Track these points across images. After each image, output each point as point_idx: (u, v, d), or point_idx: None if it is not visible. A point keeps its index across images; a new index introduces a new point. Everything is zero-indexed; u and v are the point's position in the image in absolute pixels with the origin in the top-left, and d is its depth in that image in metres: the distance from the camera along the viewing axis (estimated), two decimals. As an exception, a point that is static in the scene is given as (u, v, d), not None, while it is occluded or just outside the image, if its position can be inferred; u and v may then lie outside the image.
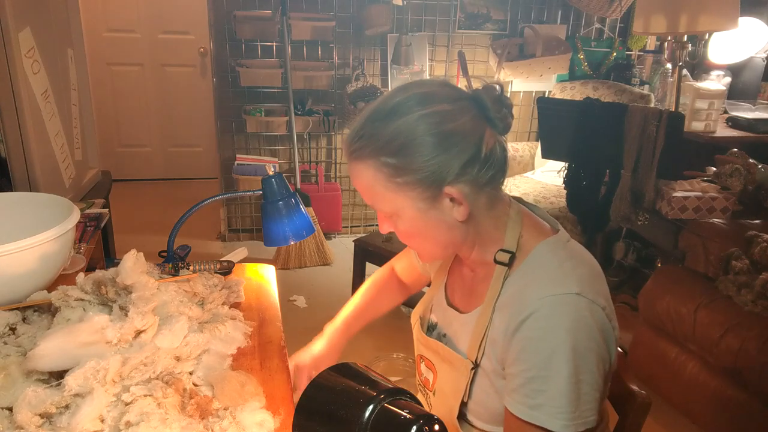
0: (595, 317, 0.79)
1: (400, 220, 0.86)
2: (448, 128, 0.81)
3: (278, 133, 3.53)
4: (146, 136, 4.77)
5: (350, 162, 0.86)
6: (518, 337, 0.79)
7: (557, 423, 0.76)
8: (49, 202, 1.23)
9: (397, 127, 0.81)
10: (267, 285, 1.33)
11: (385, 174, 0.82)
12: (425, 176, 0.81)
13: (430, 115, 0.81)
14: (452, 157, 0.81)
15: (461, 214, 0.84)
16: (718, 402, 1.94)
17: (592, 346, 0.78)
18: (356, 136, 0.84)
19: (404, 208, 0.84)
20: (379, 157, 0.82)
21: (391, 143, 0.81)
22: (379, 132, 0.82)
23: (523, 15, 3.70)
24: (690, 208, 2.42)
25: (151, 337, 0.92)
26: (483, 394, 0.89)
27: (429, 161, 0.80)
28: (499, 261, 0.87)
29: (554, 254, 0.85)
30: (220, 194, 1.73)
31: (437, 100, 0.82)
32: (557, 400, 0.76)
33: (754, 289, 1.98)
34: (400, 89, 0.85)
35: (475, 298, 0.93)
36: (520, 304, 0.81)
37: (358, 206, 3.89)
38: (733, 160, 2.53)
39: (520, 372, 0.79)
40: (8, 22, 1.69)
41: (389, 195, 0.84)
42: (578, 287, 0.79)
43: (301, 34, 3.38)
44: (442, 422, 0.67)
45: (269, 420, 0.84)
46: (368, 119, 0.84)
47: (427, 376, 1.00)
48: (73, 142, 2.20)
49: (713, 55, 3.42)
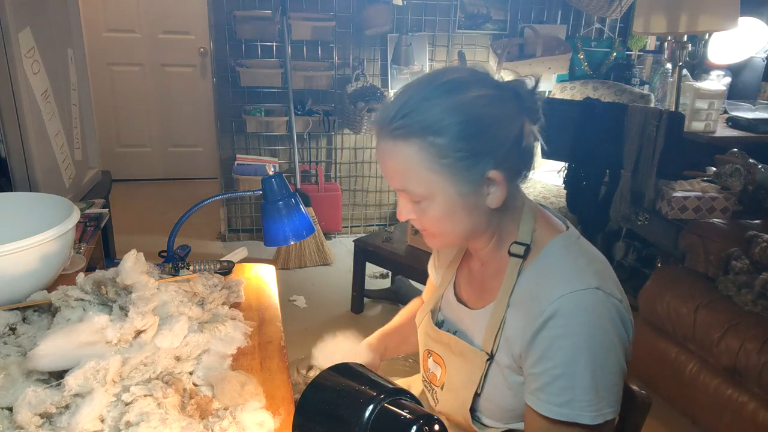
0: (615, 310, 0.80)
1: (431, 204, 0.84)
2: (498, 113, 0.81)
3: (278, 133, 3.53)
4: (146, 136, 4.77)
5: (388, 141, 0.82)
6: (542, 336, 0.79)
7: (586, 416, 0.78)
8: (49, 202, 1.23)
9: (449, 106, 0.79)
10: (267, 285, 1.33)
11: (430, 154, 0.80)
12: (472, 158, 0.80)
13: (481, 97, 0.80)
14: (499, 142, 0.81)
15: (496, 201, 0.84)
16: (718, 402, 1.94)
17: (613, 339, 0.79)
18: (400, 114, 0.80)
19: (442, 190, 0.82)
20: (427, 137, 0.79)
21: (441, 122, 0.79)
22: (429, 110, 0.79)
23: (523, 15, 3.70)
24: (690, 208, 2.42)
25: (151, 337, 0.92)
26: (495, 389, 0.88)
27: (478, 143, 0.80)
28: (513, 253, 0.87)
29: (568, 250, 0.86)
30: (220, 194, 1.73)
31: (485, 85, 0.82)
32: (584, 394, 0.78)
33: (754, 289, 1.98)
34: (445, 71, 0.84)
35: (486, 294, 0.93)
36: (539, 302, 0.81)
37: (358, 206, 3.89)
38: (733, 160, 2.53)
39: (545, 371, 0.80)
40: (8, 22, 1.69)
41: (429, 176, 0.81)
42: (596, 282, 0.80)
43: (301, 34, 3.38)
44: (442, 422, 0.67)
45: (269, 420, 0.84)
46: (414, 97, 0.81)
47: (434, 371, 1.00)
48: (73, 142, 2.20)
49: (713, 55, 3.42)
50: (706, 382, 1.99)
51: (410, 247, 2.68)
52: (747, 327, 1.89)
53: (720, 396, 1.93)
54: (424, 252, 2.61)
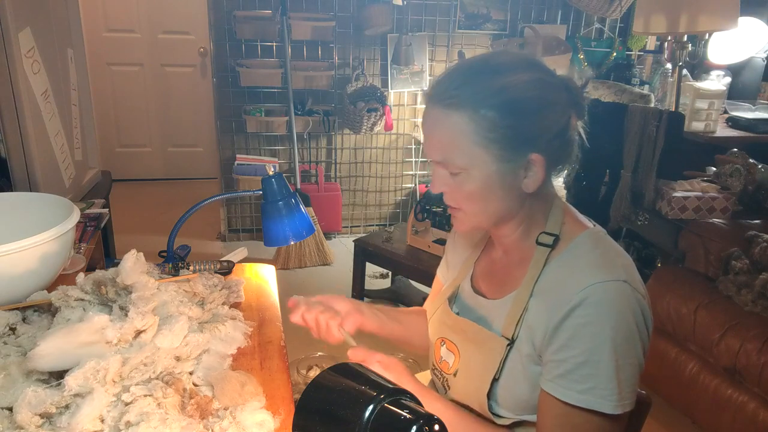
0: (639, 306, 0.82)
1: (468, 178, 0.85)
2: (551, 98, 0.84)
3: (278, 133, 3.53)
4: (146, 136, 4.77)
5: (439, 110, 0.84)
6: (568, 324, 0.81)
7: (607, 405, 0.79)
8: (49, 202, 1.23)
9: (506, 83, 0.82)
10: (267, 285, 1.33)
11: (479, 126, 0.82)
12: (518, 136, 0.83)
13: (535, 81, 0.83)
14: (547, 126, 0.84)
15: (532, 185, 0.86)
16: (718, 402, 1.94)
17: (636, 332, 0.81)
18: (455, 85, 0.83)
19: (483, 164, 0.84)
20: (479, 109, 0.81)
21: (495, 97, 0.81)
22: (485, 84, 0.82)
23: (523, 15, 3.70)
24: (690, 208, 2.42)
25: (151, 337, 0.92)
26: (511, 378, 0.89)
27: (526, 123, 0.82)
28: (542, 242, 0.89)
29: (596, 245, 0.88)
30: (220, 194, 1.73)
31: (540, 71, 0.85)
32: (607, 383, 0.79)
33: (754, 289, 1.98)
34: (502, 52, 0.89)
35: (507, 284, 0.93)
36: (566, 291, 0.82)
37: (358, 206, 3.89)
38: (733, 160, 2.53)
39: (568, 358, 0.81)
40: (8, 22, 1.69)
41: (473, 149, 0.83)
42: (624, 275, 0.82)
43: (301, 34, 3.38)
44: (442, 422, 0.67)
45: (269, 420, 0.84)
46: (472, 71, 0.84)
47: (446, 359, 1.00)
48: (73, 142, 2.20)
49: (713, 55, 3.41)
50: (706, 382, 1.99)
51: (410, 247, 2.67)
52: (747, 327, 1.89)
53: (720, 396, 1.93)
54: (424, 252, 2.61)
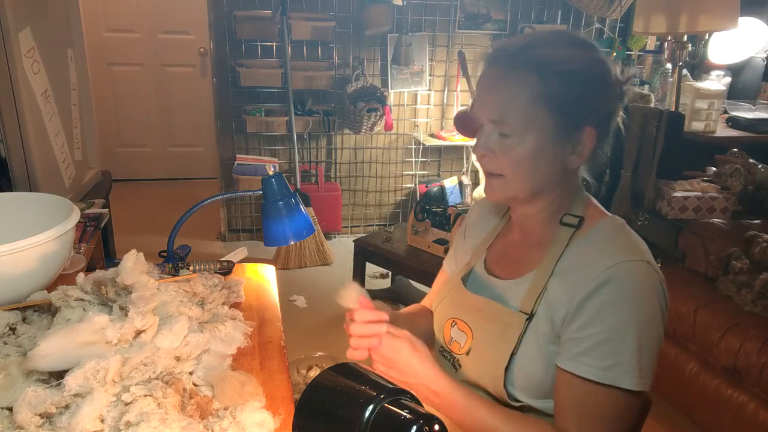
0: (660, 286, 0.85)
1: (520, 142, 0.87)
2: (611, 80, 0.89)
3: (278, 133, 3.53)
4: (146, 136, 4.77)
5: (506, 67, 0.87)
6: (594, 302, 0.82)
7: (630, 381, 0.81)
8: (49, 202, 1.23)
9: (576, 55, 0.87)
10: (267, 285, 1.33)
11: (541, 90, 0.85)
12: (580, 108, 0.86)
13: (601, 61, 0.88)
14: (603, 106, 0.89)
15: (577, 161, 0.89)
16: (718, 402, 1.94)
17: (659, 311, 0.83)
18: (529, 46, 0.87)
19: (538, 129, 0.86)
20: (547, 74, 0.85)
21: (564, 65, 0.85)
22: (557, 52, 0.86)
23: (523, 15, 3.70)
24: (690, 208, 2.42)
25: (151, 337, 0.92)
26: (527, 357, 0.89)
27: (589, 96, 0.87)
28: (566, 222, 0.91)
29: (618, 229, 0.91)
30: (220, 194, 1.73)
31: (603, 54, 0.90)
32: (630, 360, 0.80)
33: (754, 289, 1.98)
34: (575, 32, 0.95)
35: (524, 264, 0.95)
36: (592, 270, 0.84)
37: (358, 206, 3.89)
38: (733, 160, 2.53)
39: (591, 335, 0.82)
40: (8, 22, 1.69)
41: (533, 112, 0.85)
42: (647, 257, 0.85)
43: (301, 34, 3.38)
44: (442, 422, 0.67)
45: (269, 420, 0.84)
46: (544, 39, 0.89)
47: (458, 339, 1.00)
48: (73, 142, 2.20)
49: (713, 55, 3.41)
50: (706, 382, 1.99)
51: (410, 247, 2.68)
52: (747, 327, 1.89)
53: (720, 396, 1.93)
54: (424, 252, 2.61)
